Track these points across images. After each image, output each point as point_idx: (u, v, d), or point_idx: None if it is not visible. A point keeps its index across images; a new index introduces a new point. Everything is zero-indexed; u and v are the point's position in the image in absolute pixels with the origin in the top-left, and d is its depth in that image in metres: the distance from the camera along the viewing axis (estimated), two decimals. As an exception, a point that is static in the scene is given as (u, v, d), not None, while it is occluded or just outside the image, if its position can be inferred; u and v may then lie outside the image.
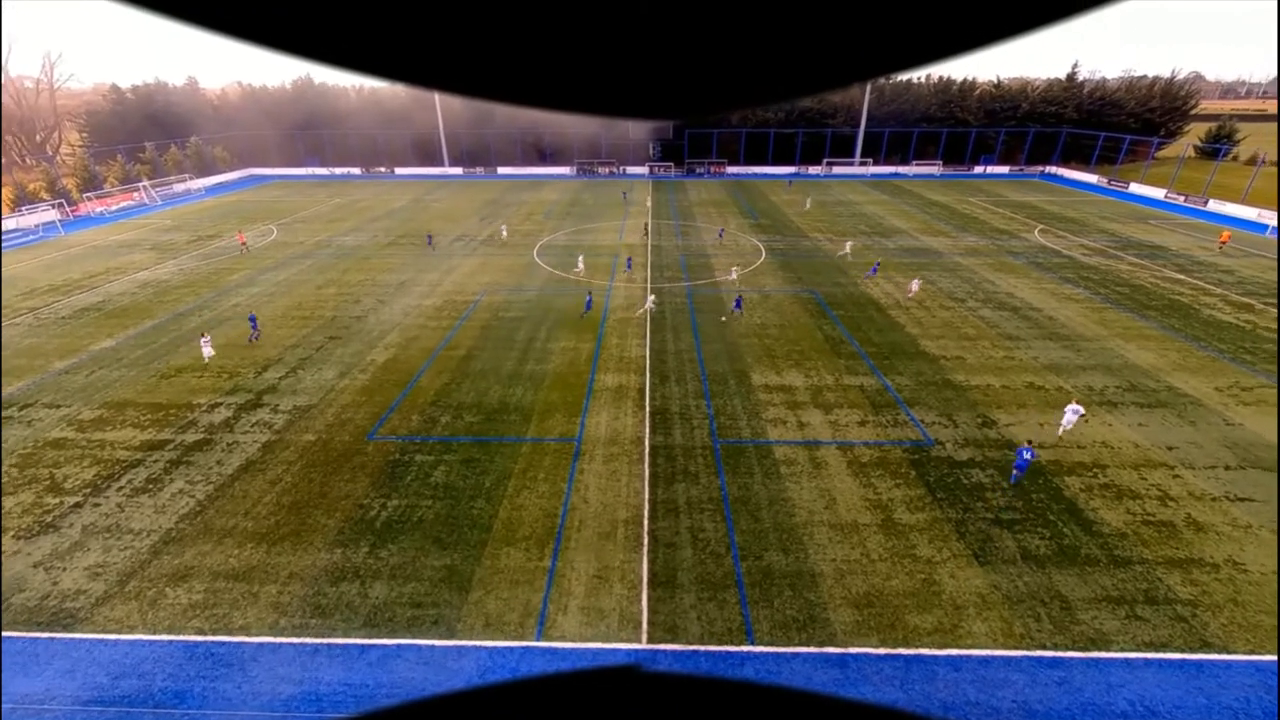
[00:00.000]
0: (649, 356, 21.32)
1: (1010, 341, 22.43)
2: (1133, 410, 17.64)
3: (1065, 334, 23.10)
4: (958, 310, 25.66)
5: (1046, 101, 68.61)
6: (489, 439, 16.41)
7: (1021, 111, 68.47)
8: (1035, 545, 12.65)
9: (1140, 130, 65.48)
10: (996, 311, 25.45)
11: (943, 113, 69.03)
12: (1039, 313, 25.29)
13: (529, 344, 22.35)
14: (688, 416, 17.45)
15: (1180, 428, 16.79)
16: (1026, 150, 68.28)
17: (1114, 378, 19.55)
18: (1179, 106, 67.64)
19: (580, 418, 17.35)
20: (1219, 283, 29.32)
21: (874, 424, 17.08)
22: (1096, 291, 27.88)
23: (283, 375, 20.31)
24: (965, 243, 37.02)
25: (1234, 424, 16.94)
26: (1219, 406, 17.84)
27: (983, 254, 34.53)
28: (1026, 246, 36.25)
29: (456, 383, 19.51)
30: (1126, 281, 29.48)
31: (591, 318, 24.89)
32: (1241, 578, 11.78)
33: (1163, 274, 30.74)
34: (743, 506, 13.80)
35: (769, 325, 24.01)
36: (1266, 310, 25.59)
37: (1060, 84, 70.86)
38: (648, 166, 68.23)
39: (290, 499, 14.27)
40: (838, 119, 69.01)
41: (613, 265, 32.54)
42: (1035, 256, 33.94)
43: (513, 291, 28.20)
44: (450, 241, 38.14)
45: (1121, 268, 31.81)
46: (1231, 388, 18.90)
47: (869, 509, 13.73)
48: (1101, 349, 21.75)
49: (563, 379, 19.67)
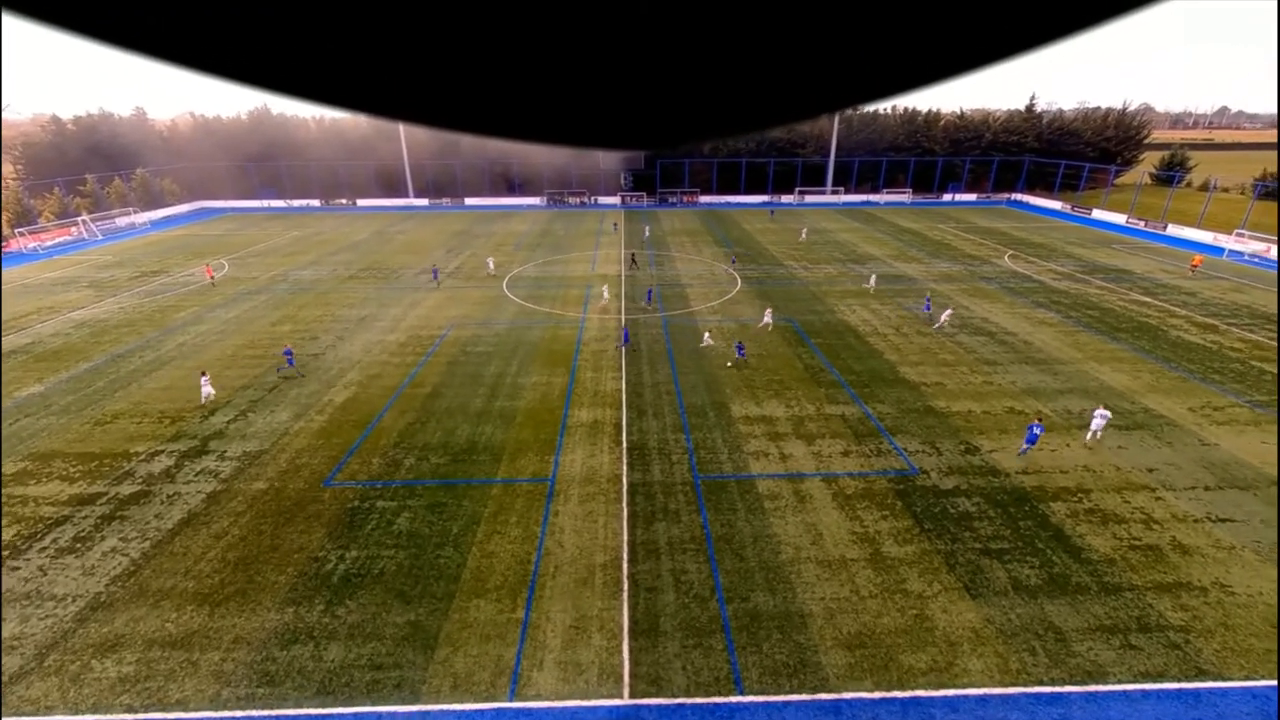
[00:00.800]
0: (625, 389, 21.29)
1: (988, 366, 23.13)
2: (1111, 433, 18.23)
3: (1041, 358, 23.94)
4: (934, 336, 26.41)
5: (1008, 131, 72.89)
6: (457, 481, 16.02)
7: (985, 141, 72.53)
8: (1026, 575, 12.78)
9: (1098, 158, 69.95)
10: (973, 336, 26.29)
11: (910, 142, 72.59)
12: (1014, 337, 26.21)
13: (499, 380, 22.13)
14: (666, 451, 17.37)
15: (1158, 449, 17.38)
16: (992, 178, 71.99)
17: (1091, 400, 20.25)
18: (1133, 136, 73.03)
19: (554, 456, 17.13)
20: (1183, 304, 30.96)
21: (857, 454, 17.25)
22: (1068, 315, 29.11)
23: (231, 419, 19.60)
24: (939, 269, 38.43)
25: (1209, 444, 17.63)
26: (1193, 427, 18.58)
27: (956, 280, 35.86)
28: (998, 271, 37.81)
29: (422, 422, 19.11)
30: (1096, 305, 30.88)
31: (564, 351, 24.84)
32: (1230, 600, 12.06)
33: (1130, 297, 32.33)
34: (726, 545, 13.66)
35: (747, 355, 24.29)
36: (1229, 330, 27.03)
37: (1020, 115, 75.53)
38: (619, 196, 69.57)
39: (237, 554, 13.58)
40: (808, 149, 71.86)
41: (585, 296, 32.72)
42: (1007, 281, 35.39)
43: (481, 325, 28.03)
44: (416, 274, 37.94)
45: (1090, 291, 33.37)
46: (1204, 408, 19.74)
47: (856, 543, 13.73)
48: (1077, 372, 22.57)
49: (535, 415, 19.46)
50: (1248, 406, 19.87)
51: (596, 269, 38.98)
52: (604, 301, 30.95)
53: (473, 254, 43.71)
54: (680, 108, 0.56)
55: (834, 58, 0.51)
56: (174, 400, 20.93)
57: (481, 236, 50.63)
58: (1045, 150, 71.54)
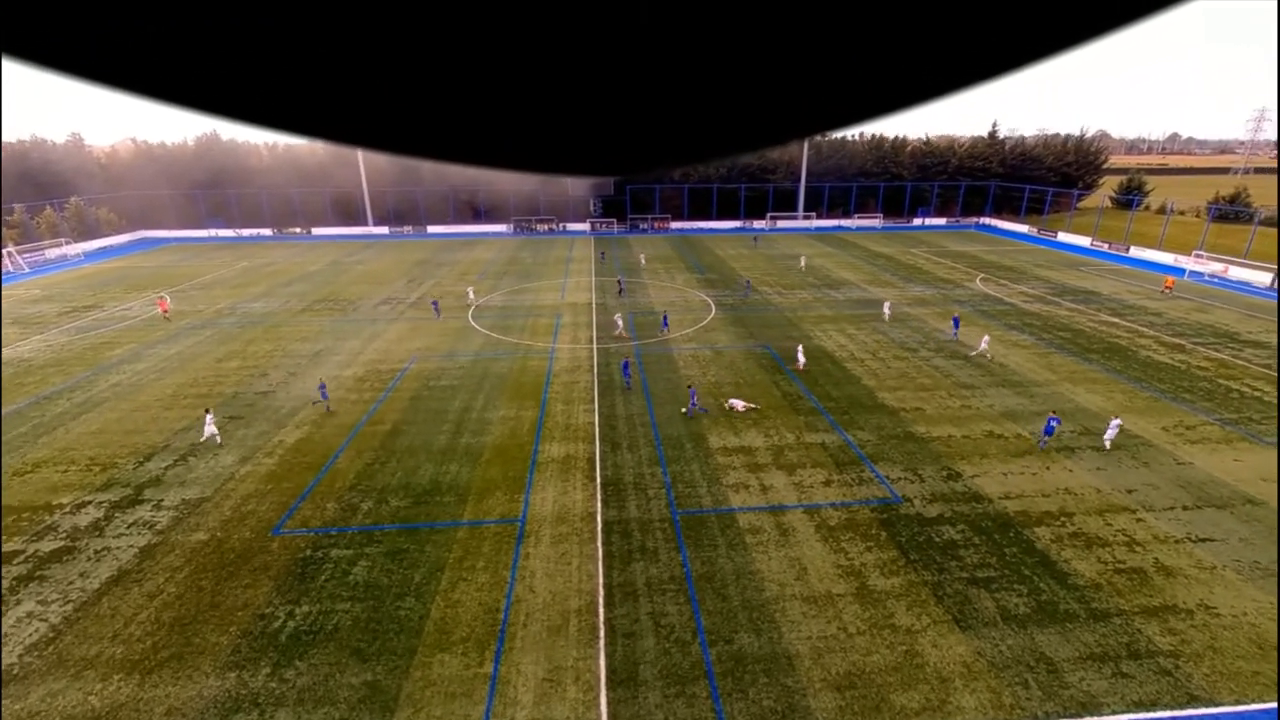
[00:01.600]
0: (598, 422, 21.18)
1: (966, 390, 23.77)
2: (1089, 455, 18.82)
3: (1016, 380, 24.74)
4: (911, 360, 27.10)
5: (973, 157, 76.72)
6: (419, 525, 15.58)
7: (952, 166, 76.14)
8: (1014, 604, 12.92)
9: (1060, 183, 74.04)
10: (949, 360, 27.05)
11: (878, 168, 75.70)
12: (989, 360, 27.06)
13: (464, 415, 21.79)
14: (643, 486, 17.24)
15: (1136, 470, 17.99)
16: (960, 202, 75.33)
17: (1067, 422, 20.91)
18: (1091, 161, 77.70)
19: (524, 495, 16.84)
20: (1150, 325, 32.52)
21: (839, 483, 17.39)
22: (1040, 337, 30.25)
23: (169, 464, 18.75)
24: (912, 293, 39.68)
25: (1184, 463, 18.33)
26: (1168, 446, 19.32)
27: (930, 303, 37.05)
28: (971, 295, 39.23)
29: (381, 462, 18.61)
30: (1067, 326, 32.21)
31: (533, 383, 24.65)
32: (1215, 622, 12.38)
33: (1099, 318, 33.84)
34: (708, 584, 13.51)
35: (723, 384, 24.49)
36: (1195, 350, 28.45)
37: (984, 141, 79.68)
38: (589, 223, 70.38)
39: (173, 615, 12.82)
40: (779, 174, 74.22)
41: (555, 325, 32.70)
42: (980, 304, 36.71)
43: (445, 358, 27.69)
44: (375, 305, 37.44)
45: (1060, 313, 34.84)
46: (1176, 427, 20.58)
47: (842, 577, 13.72)
48: (1052, 394, 23.36)
49: (503, 452, 19.16)
50: (1218, 424, 20.79)
51: (566, 297, 39.09)
52: (619, 330, 30.84)
53: (436, 283, 43.47)
54: (650, 133, 0.58)
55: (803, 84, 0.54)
56: (106, 445, 19.95)
57: (445, 265, 50.45)
58: (1009, 175, 75.37)
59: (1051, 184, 72.99)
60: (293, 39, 0.45)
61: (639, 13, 0.45)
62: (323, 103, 0.52)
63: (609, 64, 0.50)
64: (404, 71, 0.49)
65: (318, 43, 0.46)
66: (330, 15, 0.44)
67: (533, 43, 0.47)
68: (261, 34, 0.45)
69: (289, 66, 0.47)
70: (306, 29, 0.45)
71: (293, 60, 0.47)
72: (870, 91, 0.55)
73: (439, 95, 0.52)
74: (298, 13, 0.44)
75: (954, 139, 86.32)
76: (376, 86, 0.51)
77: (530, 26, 0.46)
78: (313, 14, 0.44)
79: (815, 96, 0.55)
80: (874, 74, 0.53)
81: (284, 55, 0.46)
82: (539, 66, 0.50)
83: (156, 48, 0.45)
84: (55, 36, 0.43)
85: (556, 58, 0.49)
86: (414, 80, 0.51)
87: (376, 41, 0.46)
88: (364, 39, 0.46)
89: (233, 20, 0.43)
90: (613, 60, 0.49)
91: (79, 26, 0.43)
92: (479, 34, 0.46)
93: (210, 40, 0.45)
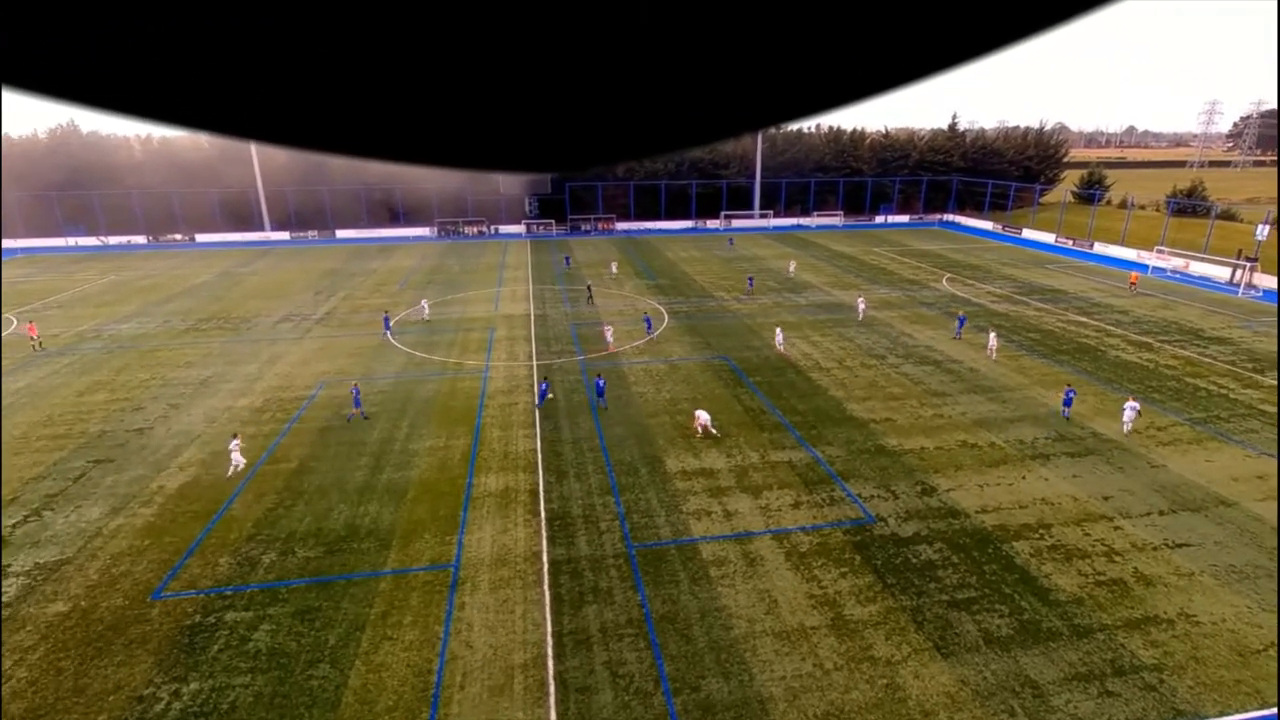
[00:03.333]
0: (540, 448, 20.97)
1: (937, 398, 24.80)
2: (1064, 461, 19.94)
3: (988, 385, 26.02)
4: (880, 368, 28.10)
5: (934, 150, 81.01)
6: (333, 578, 14.96)
7: (913, 160, 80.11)
8: (996, 625, 13.46)
9: (1022, 177, 79.08)
10: (919, 367, 28.20)
11: (837, 162, 78.81)
12: (960, 364, 28.38)
13: (385, 446, 21.17)
14: (593, 519, 17.13)
15: (1111, 475, 19.17)
16: (923, 198, 79.22)
17: (1041, 428, 22.12)
18: (1052, 155, 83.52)
19: (457, 535, 16.46)
20: (1117, 323, 34.93)
21: (809, 504, 17.76)
22: (1010, 339, 31.98)
23: (18, 521, 17.31)
24: (878, 295, 41.27)
25: (1158, 465, 19.67)
26: (1141, 449, 20.70)
27: (896, 306, 38.61)
28: (938, 296, 41.13)
29: (286, 506, 17.80)
30: (1036, 327, 34.20)
31: (465, 407, 24.17)
32: (1196, 631, 13.26)
33: (1067, 317, 36.10)
34: (670, 625, 13.48)
35: (680, 399, 24.70)
36: (1162, 348, 30.71)
37: (944, 134, 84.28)
38: (524, 224, 70.04)
39: (24, 706, 11.75)
40: (732, 170, 76.09)
41: (488, 341, 32.27)
42: (947, 306, 38.53)
43: (362, 381, 26.89)
44: (275, 323, 35.96)
45: (1028, 313, 36.97)
46: (1148, 428, 22.09)
47: (816, 608, 13.96)
48: (1025, 398, 24.68)
49: (432, 487, 18.69)
50: (1188, 425, 22.45)
51: (501, 309, 38.68)
52: (610, 346, 30.74)
53: (348, 295, 42.26)
54: (590, 126, 0.57)
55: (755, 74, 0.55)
56: (-66, 502, 18.21)
57: (359, 275, 49.17)
58: (971, 169, 79.92)
59: (1013, 178, 77.79)
60: (192, 21, 0.45)
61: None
62: (221, 91, 0.49)
63: (544, 50, 0.49)
64: (312, 50, 0.48)
65: (217, 25, 0.45)
66: None
67: (459, 24, 0.47)
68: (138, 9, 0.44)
69: (183, 52, 0.47)
70: (209, 11, 0.45)
71: (190, 45, 0.46)
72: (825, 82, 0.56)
73: (354, 80, 0.50)
74: None
75: (914, 131, 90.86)
76: (283, 73, 0.49)
77: (456, 7, 0.46)
78: None
79: (767, 87, 0.56)
80: (829, 63, 0.54)
81: (180, 39, 0.46)
82: (466, 51, 0.49)
83: None
84: None
85: (485, 42, 0.48)
86: (324, 61, 0.49)
87: (280, 23, 0.46)
88: (269, 20, 0.46)
89: None
90: (548, 46, 0.48)
91: None
92: (395, 16, 0.46)
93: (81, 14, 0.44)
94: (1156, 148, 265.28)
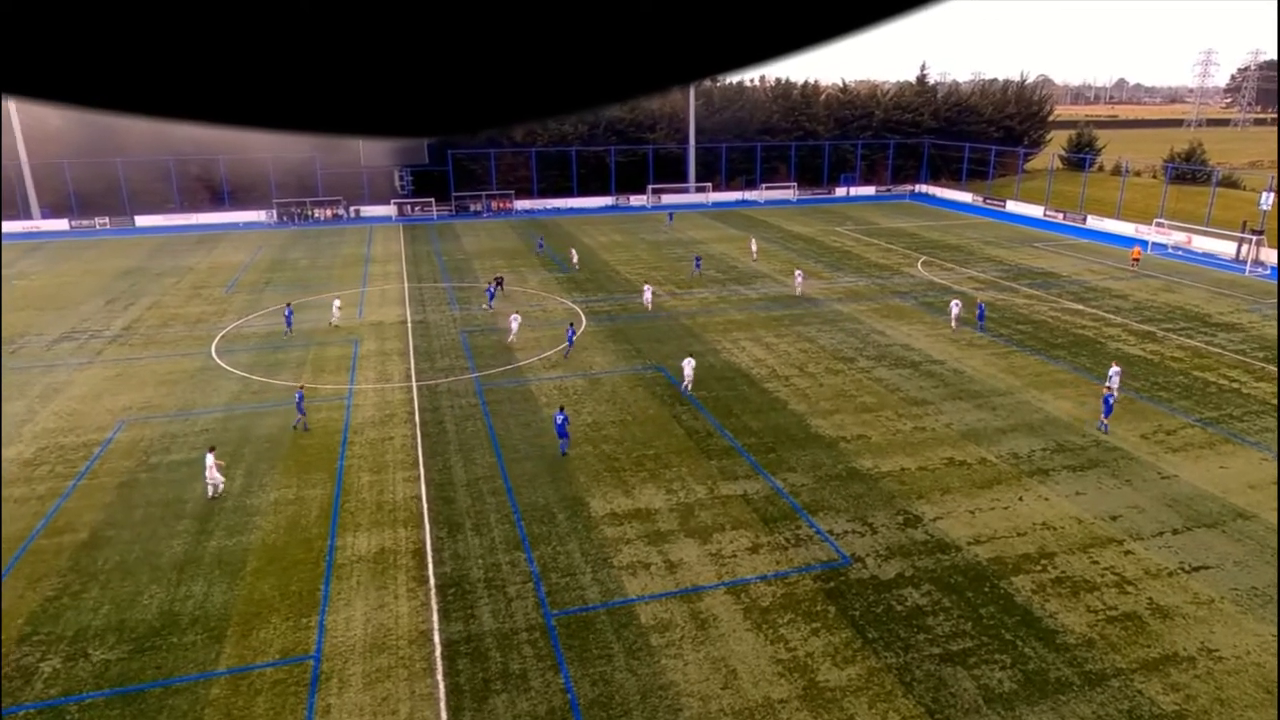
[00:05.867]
0: (426, 495, 20.60)
1: (917, 407, 25.93)
2: (1066, 476, 21.25)
3: (975, 389, 27.44)
4: (848, 373, 29.12)
5: (900, 108, 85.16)
6: (145, 686, 14.27)
7: (876, 120, 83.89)
8: (998, 680, 14.13)
9: (1003, 139, 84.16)
10: (894, 370, 29.41)
11: (787, 122, 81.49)
12: (942, 365, 29.82)
13: (212, 504, 20.32)
14: (499, 583, 16.96)
15: (1118, 490, 20.57)
16: (890, 166, 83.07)
17: (1038, 438, 23.49)
18: (1036, 113, 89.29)
19: (317, 616, 16.01)
20: (1116, 310, 37.67)
21: (770, 547, 18.13)
22: (998, 333, 33.89)
23: None
24: (842, 284, 42.84)
25: (1169, 476, 21.28)
26: (1149, 457, 22.33)
27: (865, 297, 40.20)
28: (913, 284, 43.11)
29: (73, 593, 16.81)
30: (1027, 318, 36.41)
31: (322, 445, 23.34)
32: (1219, 668, 14.38)
33: (1061, 305, 38.62)
34: (603, 713, 13.47)
35: (604, 423, 24.77)
36: (1167, 338, 33.34)
37: (912, 87, 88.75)
38: (394, 205, 68.65)
39: None
40: (659, 132, 77.34)
41: (352, 356, 31.37)
42: (924, 295, 40.45)
43: (176, 417, 25.60)
44: (51, 344, 33.75)
45: (1018, 301, 39.32)
46: (1156, 432, 23.87)
47: (784, 675, 14.24)
48: (1018, 403, 26.17)
49: (280, 555, 18.06)
50: (1199, 426, 24.40)
51: (367, 314, 37.76)
52: (512, 337, 31.33)
53: (155, 304, 40.27)
54: (475, 76, 0.55)
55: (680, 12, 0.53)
56: None
57: (169, 275, 47.02)
58: (945, 131, 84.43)
59: (993, 140, 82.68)
60: None
61: None
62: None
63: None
64: None
65: None
66: None
67: None
68: None
69: None
70: None
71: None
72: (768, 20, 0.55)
73: (157, 18, 0.50)
74: None
75: (877, 85, 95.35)
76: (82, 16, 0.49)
77: None
78: None
79: (697, 27, 0.55)
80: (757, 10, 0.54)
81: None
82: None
83: None
84: None
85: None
86: (138, 10, 0.49)
87: None
88: None
89: None
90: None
91: None
92: None
93: None
94: (1150, 104, 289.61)
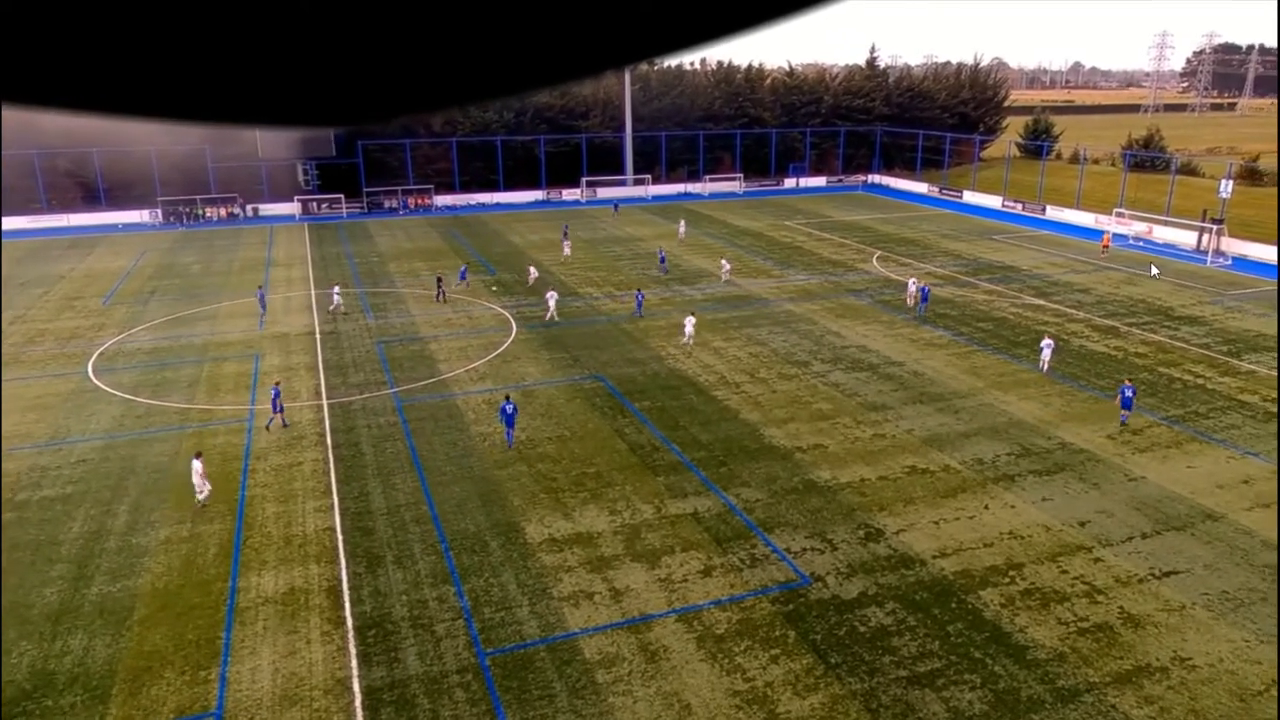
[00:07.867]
0: (340, 525, 20.25)
1: (876, 413, 26.52)
2: (1032, 482, 22.01)
3: (936, 391, 28.22)
4: (802, 378, 29.62)
5: (851, 94, 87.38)
6: (14, 758, 13.46)
7: (825, 106, 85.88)
8: (967, 701, 14.52)
9: (958, 126, 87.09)
10: (851, 373, 30.03)
11: (731, 108, 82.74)
12: (901, 367, 30.58)
13: (93, 543, 19.59)
14: (425, 621, 16.76)
15: (1085, 494, 21.40)
16: (841, 155, 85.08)
17: (1002, 442, 24.27)
18: (991, 98, 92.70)
19: (218, 668, 15.59)
20: (1079, 305, 39.25)
21: (723, 569, 18.28)
22: (959, 331, 34.93)
23: None
24: (793, 283, 43.59)
25: (1136, 478, 22.23)
26: (1116, 459, 23.29)
27: (817, 296, 40.99)
28: (868, 281, 44.13)
29: (-75, 654, 15.84)
30: (987, 315, 37.64)
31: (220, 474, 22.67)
32: (1192, 678, 15.06)
33: (1022, 300, 40.04)
34: (545, 760, 13.33)
35: (540, 439, 24.66)
36: (1130, 333, 34.88)
37: (862, 71, 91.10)
38: (298, 202, 67.22)
39: None
40: (593, 120, 77.61)
41: (253, 373, 30.55)
42: (880, 293, 41.45)
43: (48, 447, 24.61)
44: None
45: (978, 297, 40.62)
46: (1123, 433, 24.91)
47: (742, 708, 14.37)
48: (981, 406, 27.00)
49: (173, 600, 17.55)
50: (1165, 424, 25.57)
51: (269, 325, 36.79)
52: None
53: (19, 318, 38.64)
54: (385, 57, 0.54)
55: None
56: None
57: (36, 286, 45.32)
58: (897, 117, 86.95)
59: (948, 127, 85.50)
60: None
61: None
62: None
63: None
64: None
65: None
66: None
67: None
68: None
69: None
70: None
71: None
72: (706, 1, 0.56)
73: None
74: None
75: (825, 69, 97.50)
76: None
77: None
78: None
79: (630, 5, 0.55)
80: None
81: None
82: None
83: None
84: None
85: None
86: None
87: None
88: None
89: None
90: None
91: None
92: None
93: None
94: (1106, 88, 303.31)
